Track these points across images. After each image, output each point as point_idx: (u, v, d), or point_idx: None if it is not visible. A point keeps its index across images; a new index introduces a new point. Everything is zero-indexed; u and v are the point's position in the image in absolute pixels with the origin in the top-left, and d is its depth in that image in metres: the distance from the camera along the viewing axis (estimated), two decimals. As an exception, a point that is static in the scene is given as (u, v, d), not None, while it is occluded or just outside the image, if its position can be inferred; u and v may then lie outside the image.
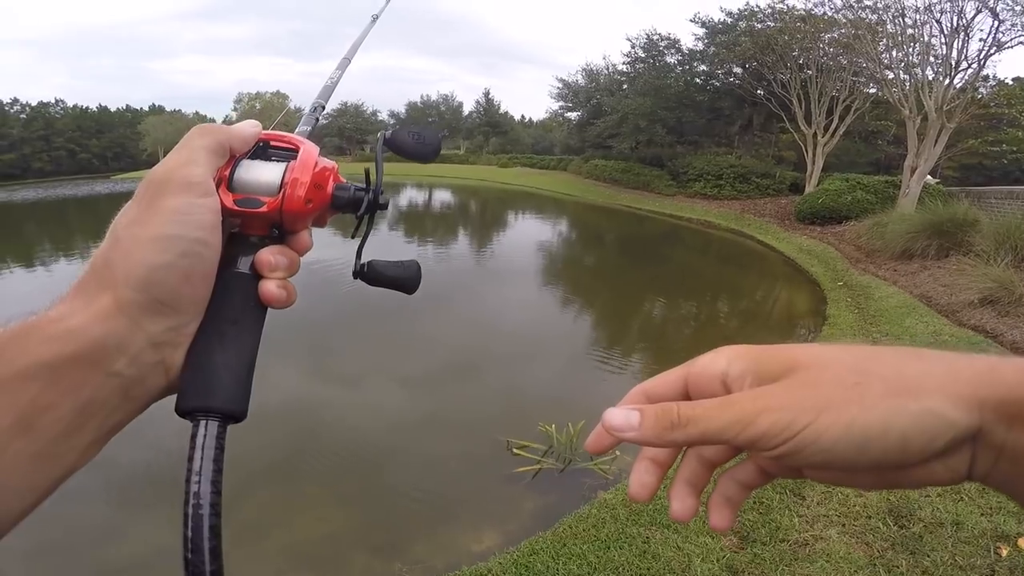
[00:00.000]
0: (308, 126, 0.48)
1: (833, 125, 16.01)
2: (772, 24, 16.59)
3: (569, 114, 30.66)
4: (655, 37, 21.92)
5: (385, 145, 0.42)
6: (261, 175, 0.36)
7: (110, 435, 0.30)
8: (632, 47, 22.72)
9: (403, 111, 53.45)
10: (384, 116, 57.03)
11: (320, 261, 6.79)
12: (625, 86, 23.89)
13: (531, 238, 13.24)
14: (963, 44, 11.21)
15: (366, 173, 0.40)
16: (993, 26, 10.88)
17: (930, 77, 11.96)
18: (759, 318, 7.40)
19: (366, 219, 0.40)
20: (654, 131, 21.16)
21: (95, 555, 2.69)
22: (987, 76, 13.08)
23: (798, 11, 15.53)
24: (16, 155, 51.80)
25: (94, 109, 59.95)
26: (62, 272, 9.64)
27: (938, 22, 11.38)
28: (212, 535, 0.27)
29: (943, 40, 11.44)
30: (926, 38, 11.84)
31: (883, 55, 13.15)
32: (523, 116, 64.12)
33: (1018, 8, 10.47)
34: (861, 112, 15.95)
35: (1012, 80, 17.34)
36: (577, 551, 2.35)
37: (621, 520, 2.53)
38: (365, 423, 4.06)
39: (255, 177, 0.36)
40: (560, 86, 29.43)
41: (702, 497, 0.29)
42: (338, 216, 0.40)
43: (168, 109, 62.43)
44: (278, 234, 0.37)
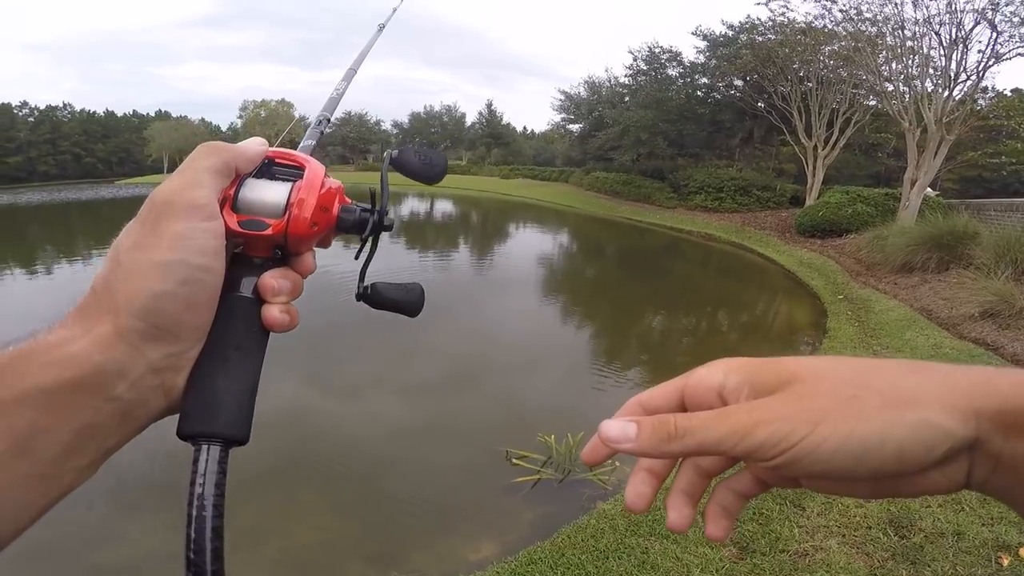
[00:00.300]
0: (313, 140, 0.47)
1: (833, 138, 16.10)
2: (773, 37, 16.72)
3: (571, 126, 30.86)
4: (657, 50, 22.11)
5: (391, 165, 0.41)
6: (266, 195, 0.35)
7: (108, 455, 0.30)
8: (634, 60, 22.91)
9: (406, 121, 53.81)
10: (387, 126, 57.38)
11: (318, 267, 6.80)
12: (627, 98, 24.06)
13: (532, 249, 13.27)
14: (962, 56, 11.29)
15: (371, 194, 0.39)
16: (991, 38, 10.98)
17: (929, 89, 12.04)
18: (759, 331, 7.40)
19: (371, 240, 0.40)
20: (655, 143, 21.28)
21: (87, 558, 2.68)
22: (986, 88, 13.15)
23: (799, 24, 15.66)
24: (22, 158, 52.14)
25: (101, 114, 60.45)
26: (63, 275, 9.67)
27: (937, 34, 11.48)
28: (215, 558, 0.28)
29: (942, 52, 11.53)
30: (925, 50, 11.94)
31: (883, 67, 13.25)
32: (525, 127, 64.57)
33: (1016, 20, 10.57)
34: (861, 125, 16.04)
35: (1011, 92, 17.46)
36: (575, 561, 2.34)
37: (620, 531, 2.51)
38: (363, 432, 4.06)
39: (260, 197, 0.35)
40: (562, 98, 29.67)
41: (699, 507, 0.30)
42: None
43: (174, 115, 62.85)
44: (281, 255, 0.36)
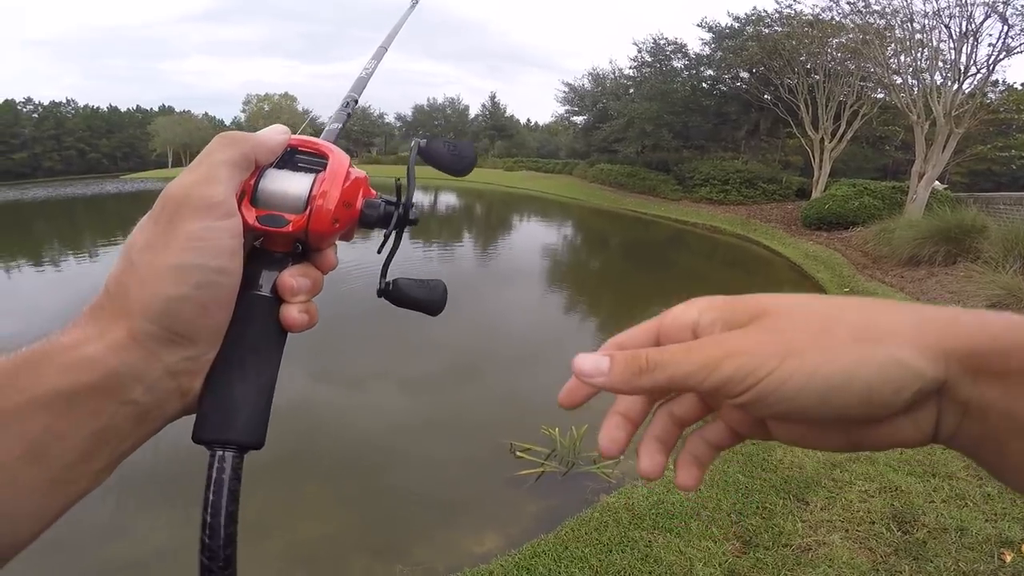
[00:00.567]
0: (339, 123, 0.44)
1: (840, 130, 15.96)
2: (779, 29, 16.57)
3: (575, 118, 30.72)
4: (662, 42, 21.93)
5: (419, 155, 0.39)
6: (287, 188, 0.33)
7: (123, 458, 0.29)
8: (639, 51, 22.76)
9: (410, 114, 53.76)
10: (391, 119, 57.38)
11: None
12: (631, 90, 23.91)
13: (536, 241, 13.25)
14: (972, 49, 11.16)
15: (397, 186, 0.37)
16: (1002, 31, 10.84)
17: (939, 82, 11.91)
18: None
19: (394, 234, 0.38)
20: (660, 135, 21.17)
21: (97, 553, 2.71)
22: (996, 81, 13.02)
23: (805, 16, 15.50)
24: (27, 154, 52.38)
25: (104, 109, 60.56)
26: (69, 270, 9.73)
27: (947, 27, 11.34)
28: (227, 564, 0.28)
29: (952, 45, 11.39)
30: (935, 43, 11.80)
31: (891, 60, 13.10)
32: (529, 120, 64.34)
33: (1028, 14, 10.43)
34: (869, 117, 15.89)
35: (1021, 85, 17.27)
36: (579, 554, 2.35)
37: (623, 524, 2.52)
38: (367, 424, 4.08)
39: (281, 190, 0.33)
40: (566, 90, 29.52)
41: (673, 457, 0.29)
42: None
43: (178, 110, 62.95)
44: (302, 250, 0.34)
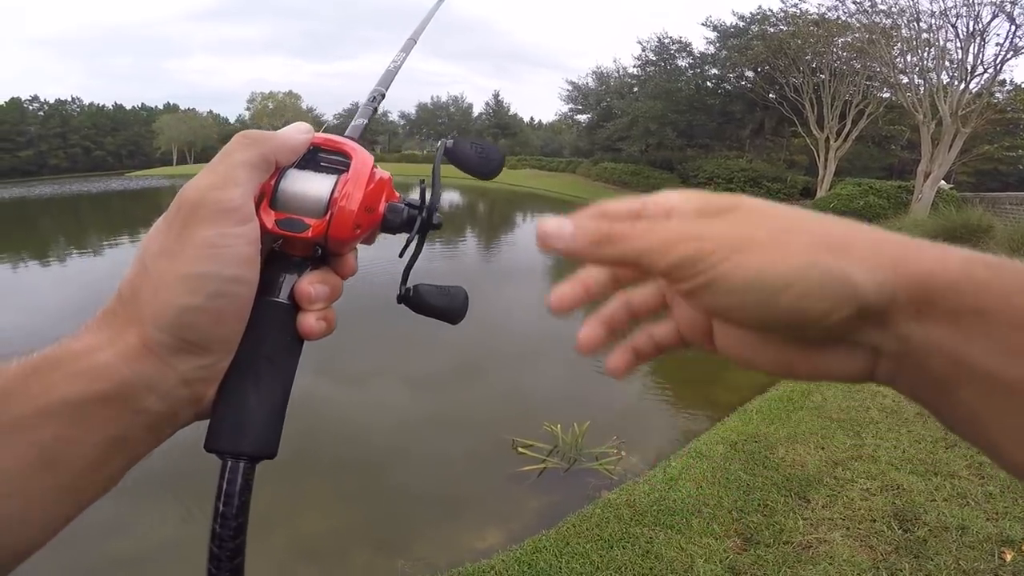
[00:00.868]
0: (365, 118, 0.43)
1: (846, 129, 15.91)
2: (785, 28, 16.53)
3: (579, 116, 30.75)
4: (666, 40, 21.92)
5: (445, 156, 0.37)
6: (308, 190, 0.32)
7: (135, 462, 0.29)
8: (643, 50, 22.77)
9: (414, 112, 53.82)
10: (395, 117, 57.42)
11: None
12: (635, 89, 23.89)
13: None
14: (979, 49, 11.12)
15: (421, 188, 0.36)
16: (1010, 31, 10.81)
17: (945, 81, 11.86)
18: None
19: (417, 239, 0.36)
20: (664, 134, 21.15)
21: (103, 548, 2.73)
22: (1004, 81, 12.94)
23: (811, 15, 15.46)
24: (33, 152, 52.70)
25: (110, 107, 60.88)
26: (75, 266, 9.80)
27: (954, 27, 11.30)
28: (235, 574, 0.28)
29: (959, 45, 11.36)
30: (941, 43, 11.76)
31: (897, 59, 13.05)
32: (532, 118, 64.31)
33: (1035, 13, 10.37)
34: (874, 116, 15.84)
35: (1029, 85, 17.11)
36: (580, 550, 2.36)
37: (625, 520, 2.53)
38: (369, 420, 4.10)
39: (301, 192, 0.32)
40: (570, 88, 29.54)
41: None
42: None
43: (182, 108, 63.14)
44: (322, 254, 0.33)
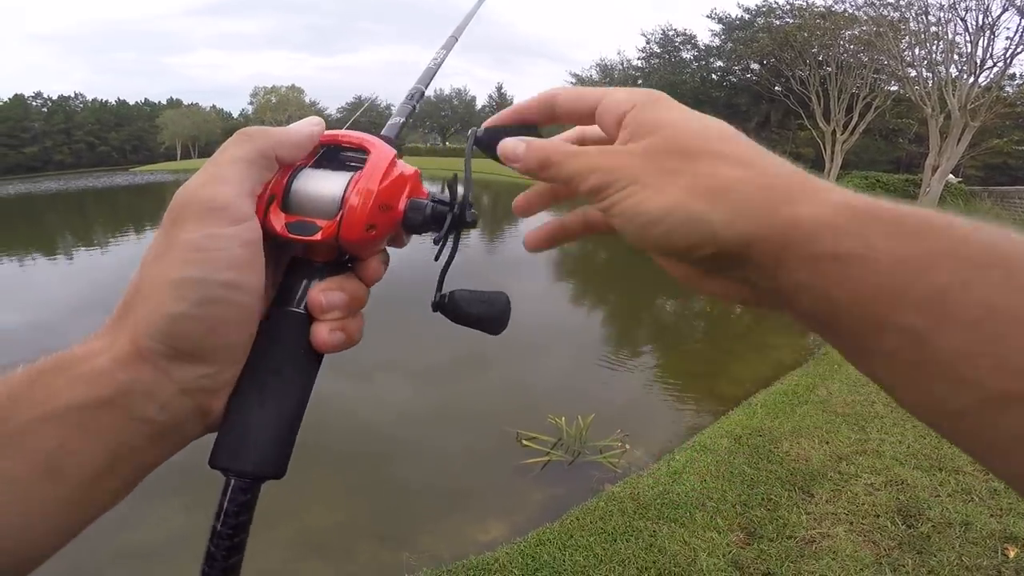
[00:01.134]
0: (402, 116, 0.40)
1: (853, 123, 15.78)
2: (791, 20, 16.39)
3: (583, 109, 30.55)
4: (670, 33, 21.78)
5: (476, 146, 0.33)
6: (321, 189, 0.30)
7: (143, 475, 0.28)
8: (647, 42, 22.63)
9: (418, 106, 53.74)
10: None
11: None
12: (640, 81, 23.75)
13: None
14: (988, 42, 11.00)
15: (449, 183, 0.33)
16: (1020, 24, 10.68)
17: (954, 75, 11.74)
18: (772, 316, 7.35)
19: (448, 240, 0.33)
20: (669, 127, 21.02)
21: (114, 540, 2.76)
22: (1013, 75, 12.80)
23: (817, 8, 15.33)
24: (38, 148, 52.93)
25: (113, 103, 60.97)
26: (81, 262, 9.85)
27: (963, 20, 11.18)
28: None
29: (968, 38, 11.24)
30: (950, 36, 11.64)
31: (905, 53, 12.92)
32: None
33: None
34: (882, 110, 15.70)
35: (1039, 78, 16.92)
36: (584, 543, 2.37)
37: (628, 513, 2.54)
38: (373, 413, 4.12)
39: (313, 192, 0.30)
40: (573, 81, 29.33)
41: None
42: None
43: (185, 103, 63.17)
44: (345, 259, 0.31)
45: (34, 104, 55.05)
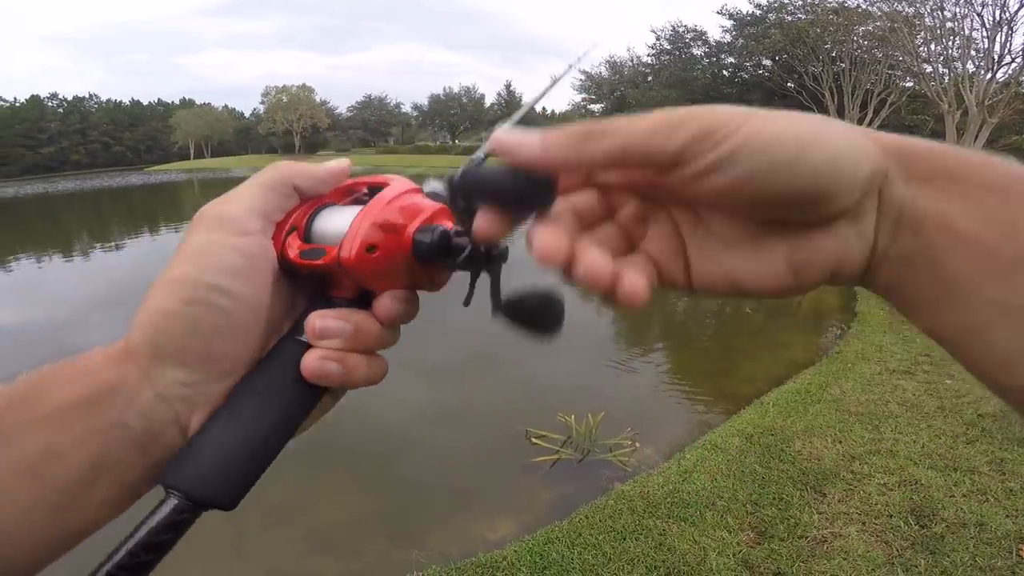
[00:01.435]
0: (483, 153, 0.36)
1: (867, 119, 15.60)
2: (803, 16, 16.22)
3: (592, 106, 30.45)
4: (681, 29, 21.62)
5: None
6: (335, 220, 0.30)
7: (133, 494, 0.27)
8: (657, 39, 22.48)
9: (426, 103, 53.85)
10: (407, 108, 57.62)
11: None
12: (650, 78, 23.63)
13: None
14: (1007, 38, 10.83)
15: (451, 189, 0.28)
16: (1039, 18, 10.45)
17: (971, 71, 11.55)
18: (786, 313, 7.27)
19: (474, 276, 0.30)
20: (679, 124, 20.90)
21: (117, 539, 2.81)
22: (1032, 69, 12.53)
23: (830, 3, 15.14)
24: (55, 148, 53.81)
25: (127, 103, 61.79)
26: (99, 260, 10.00)
27: (979, 16, 11.02)
28: None
29: (985, 34, 11.08)
30: (966, 32, 11.46)
31: (921, 49, 12.75)
32: (544, 108, 63.94)
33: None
34: (897, 106, 15.52)
35: (1059, 72, 16.59)
36: (593, 541, 2.37)
37: (638, 512, 2.54)
38: (382, 412, 4.14)
39: (329, 223, 0.30)
40: (583, 78, 29.25)
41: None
42: None
43: (198, 102, 63.82)
44: (365, 297, 0.30)
45: (50, 105, 55.93)
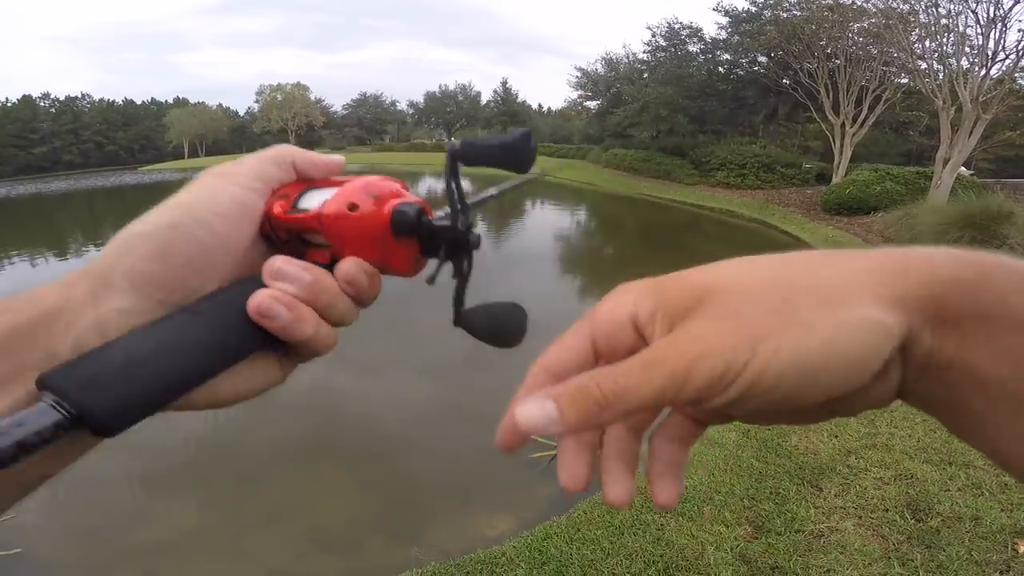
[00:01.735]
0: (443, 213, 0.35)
1: (862, 115, 15.59)
2: (798, 13, 16.20)
3: (588, 103, 30.38)
4: (677, 26, 21.57)
5: (459, 162, 0.30)
6: (323, 196, 0.31)
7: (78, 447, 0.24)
8: (653, 36, 22.41)
9: (422, 101, 53.65)
10: (403, 106, 57.43)
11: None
12: (646, 75, 23.58)
13: (550, 226, 13.22)
14: (1001, 34, 10.81)
15: (447, 186, 0.30)
16: (1032, 14, 10.48)
17: (965, 67, 11.57)
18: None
19: (446, 263, 0.32)
20: (675, 120, 20.90)
21: (126, 538, 2.80)
22: (1025, 65, 12.58)
23: (825, 0, 15.12)
24: (47, 148, 53.38)
25: (120, 103, 61.31)
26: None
27: (974, 12, 11.00)
28: None
29: (979, 30, 11.05)
30: (961, 28, 11.46)
31: (915, 45, 12.74)
32: (541, 105, 64.09)
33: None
34: (892, 102, 15.51)
35: (1052, 69, 16.65)
36: (591, 536, 2.38)
37: (636, 507, 2.54)
38: (381, 410, 4.14)
39: (316, 198, 0.31)
40: (579, 75, 29.16)
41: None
42: None
43: (192, 101, 63.42)
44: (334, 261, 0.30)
45: (42, 105, 55.47)
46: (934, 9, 11.87)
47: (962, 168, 12.38)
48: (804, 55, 15.97)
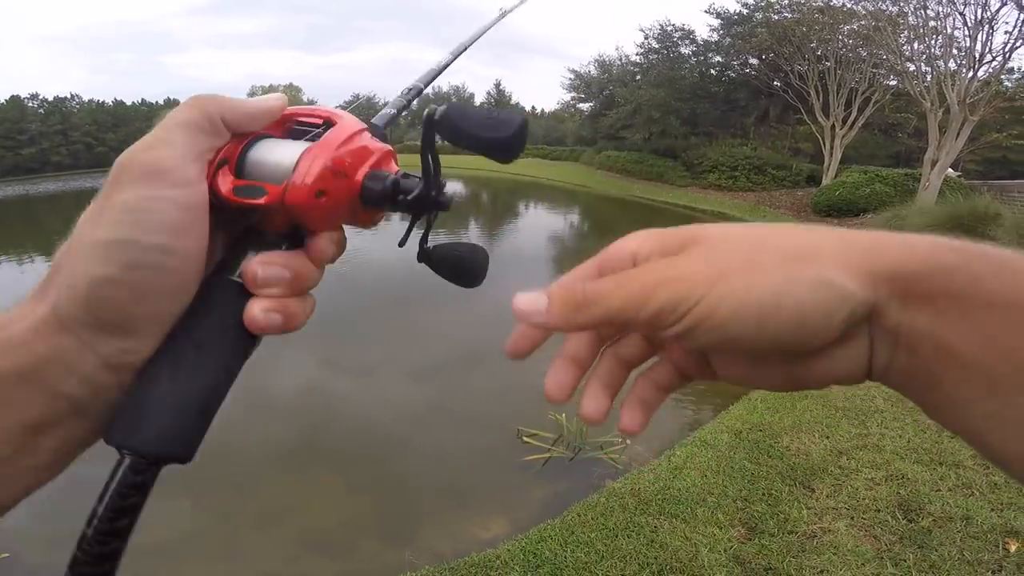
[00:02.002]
0: (394, 108, 0.40)
1: (852, 117, 15.75)
2: (789, 15, 16.36)
3: (581, 105, 30.57)
4: (669, 28, 21.72)
5: (437, 132, 0.30)
6: (275, 155, 0.28)
7: (71, 454, 0.26)
8: (645, 38, 22.56)
9: (415, 103, 53.67)
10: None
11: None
12: (638, 77, 23.71)
13: (543, 228, 13.23)
14: (987, 37, 10.98)
15: (423, 162, 0.31)
16: (1019, 19, 10.64)
17: (953, 69, 11.72)
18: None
19: (416, 219, 0.32)
20: (668, 122, 21.02)
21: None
22: (1012, 69, 12.78)
23: (816, 2, 15.28)
24: (36, 149, 52.78)
25: (110, 104, 60.81)
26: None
27: (961, 15, 11.16)
28: None
29: (967, 33, 11.21)
30: (949, 30, 11.61)
31: (904, 47, 12.90)
32: (534, 107, 64.04)
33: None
34: (881, 104, 15.68)
35: (1038, 71, 16.88)
36: (585, 539, 2.38)
37: (630, 509, 2.55)
38: (374, 412, 4.12)
39: (268, 157, 0.28)
40: (572, 77, 29.31)
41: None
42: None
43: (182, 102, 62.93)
44: (298, 234, 0.29)
45: (31, 105, 54.94)
46: (923, 11, 12.02)
47: (949, 170, 12.53)
48: (795, 57, 16.11)
